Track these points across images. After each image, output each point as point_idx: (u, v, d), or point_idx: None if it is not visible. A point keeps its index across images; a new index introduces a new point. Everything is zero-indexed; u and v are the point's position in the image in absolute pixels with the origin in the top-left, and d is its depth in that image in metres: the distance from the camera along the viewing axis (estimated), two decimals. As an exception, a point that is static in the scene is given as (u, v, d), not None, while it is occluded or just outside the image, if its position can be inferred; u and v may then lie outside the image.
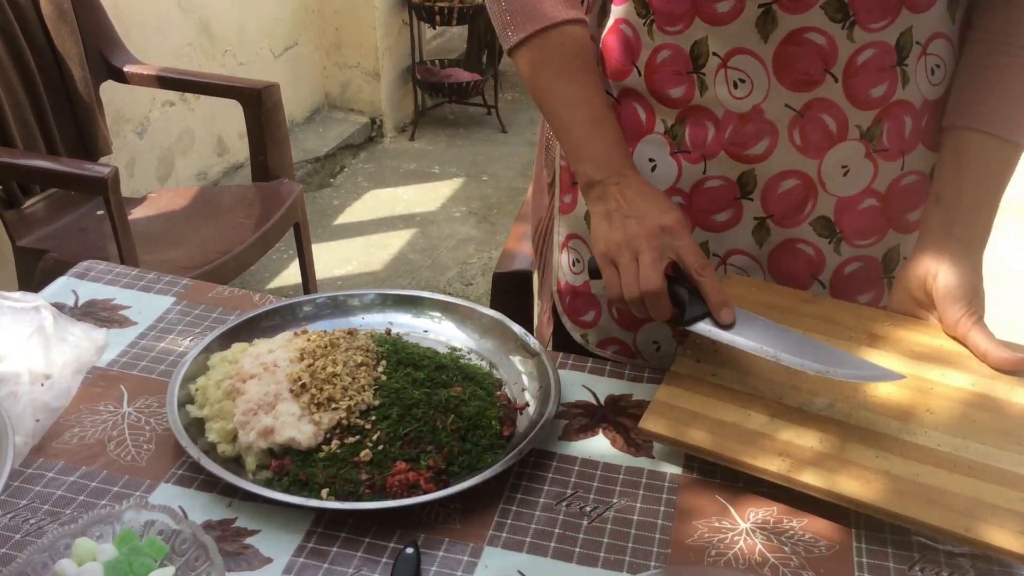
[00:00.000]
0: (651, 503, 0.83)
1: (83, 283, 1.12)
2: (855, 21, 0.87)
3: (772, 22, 0.88)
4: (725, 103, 0.93)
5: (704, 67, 0.92)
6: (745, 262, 1.00)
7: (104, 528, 0.73)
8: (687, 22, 0.91)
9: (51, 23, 2.25)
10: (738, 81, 0.91)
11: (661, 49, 0.94)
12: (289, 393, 0.87)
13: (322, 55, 3.96)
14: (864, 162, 0.94)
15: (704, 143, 0.95)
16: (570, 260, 1.09)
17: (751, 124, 0.93)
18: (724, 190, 0.97)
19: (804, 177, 0.94)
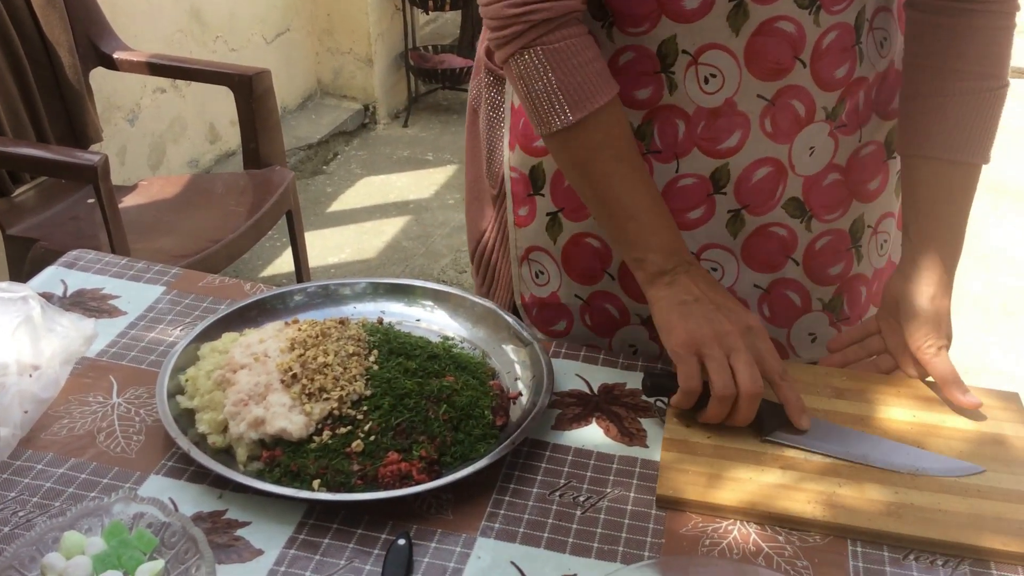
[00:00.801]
0: (645, 493, 0.83)
1: (72, 272, 1.11)
2: (820, 6, 0.88)
3: (743, 15, 0.88)
4: (696, 99, 0.92)
5: (673, 66, 0.91)
6: (719, 255, 1.00)
7: (93, 521, 0.72)
8: (653, 22, 0.89)
9: (40, 10, 2.22)
10: (709, 76, 0.91)
11: (624, 51, 0.92)
12: (280, 383, 0.86)
13: (314, 41, 3.93)
14: (827, 140, 0.96)
15: (675, 141, 0.94)
16: (532, 272, 1.07)
17: (723, 118, 0.92)
18: (697, 187, 0.96)
19: (776, 163, 0.95)
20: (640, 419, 0.91)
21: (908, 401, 0.92)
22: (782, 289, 1.02)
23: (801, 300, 1.03)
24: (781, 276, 1.01)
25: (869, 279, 1.05)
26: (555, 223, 1.02)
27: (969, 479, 0.83)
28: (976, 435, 0.88)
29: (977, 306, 2.87)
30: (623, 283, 1.02)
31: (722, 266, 1.00)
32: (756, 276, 1.01)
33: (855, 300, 1.05)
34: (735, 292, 1.02)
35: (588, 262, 1.03)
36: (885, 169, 1.01)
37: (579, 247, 1.02)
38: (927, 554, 0.77)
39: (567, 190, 1.00)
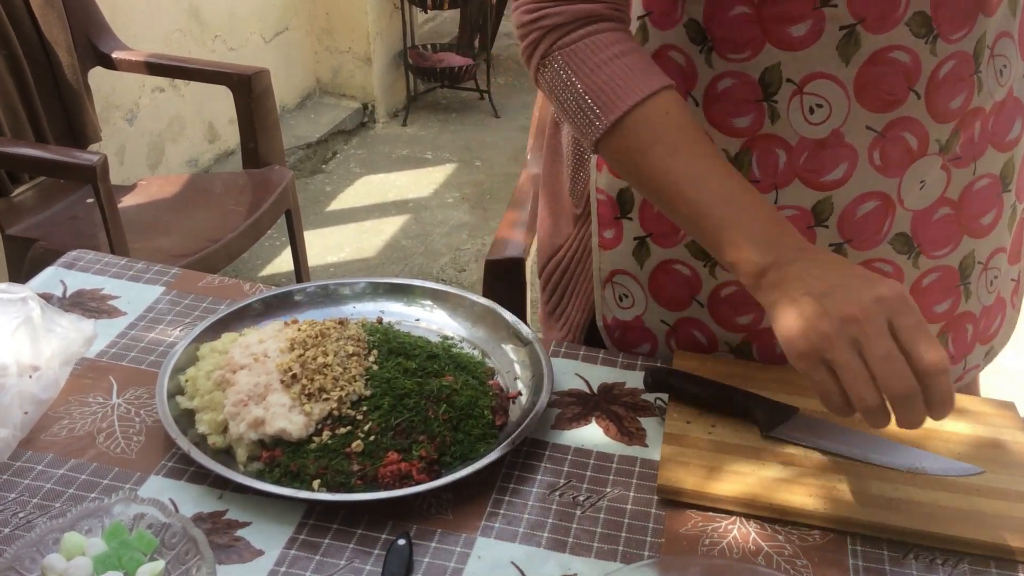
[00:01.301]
0: (645, 492, 0.83)
1: (71, 273, 1.11)
2: (938, 35, 0.83)
3: (855, 44, 0.83)
4: (800, 130, 0.87)
5: (776, 94, 0.86)
6: None
7: (93, 522, 0.72)
8: (756, 49, 0.85)
9: (38, 9, 2.22)
10: (814, 106, 0.86)
11: (723, 77, 0.87)
12: (280, 384, 0.86)
13: (313, 40, 3.93)
14: (940, 173, 0.91)
15: (775, 172, 0.89)
16: (616, 295, 1.02)
17: (828, 150, 0.88)
18: (797, 219, 0.91)
19: (883, 197, 0.90)
20: (640, 418, 0.91)
21: None
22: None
23: None
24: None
25: (976, 317, 1.00)
26: (643, 248, 0.98)
27: (968, 479, 0.83)
28: (974, 439, 0.88)
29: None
30: (713, 311, 0.98)
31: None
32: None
33: (960, 339, 1.00)
34: None
35: (677, 289, 0.98)
36: (999, 203, 0.95)
37: (668, 273, 0.98)
38: (927, 552, 0.78)
39: (657, 215, 0.95)
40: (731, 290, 0.96)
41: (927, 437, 0.88)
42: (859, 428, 0.88)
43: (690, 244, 0.95)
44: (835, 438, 0.86)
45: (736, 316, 0.97)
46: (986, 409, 0.92)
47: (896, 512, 0.79)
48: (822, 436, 0.86)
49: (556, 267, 1.10)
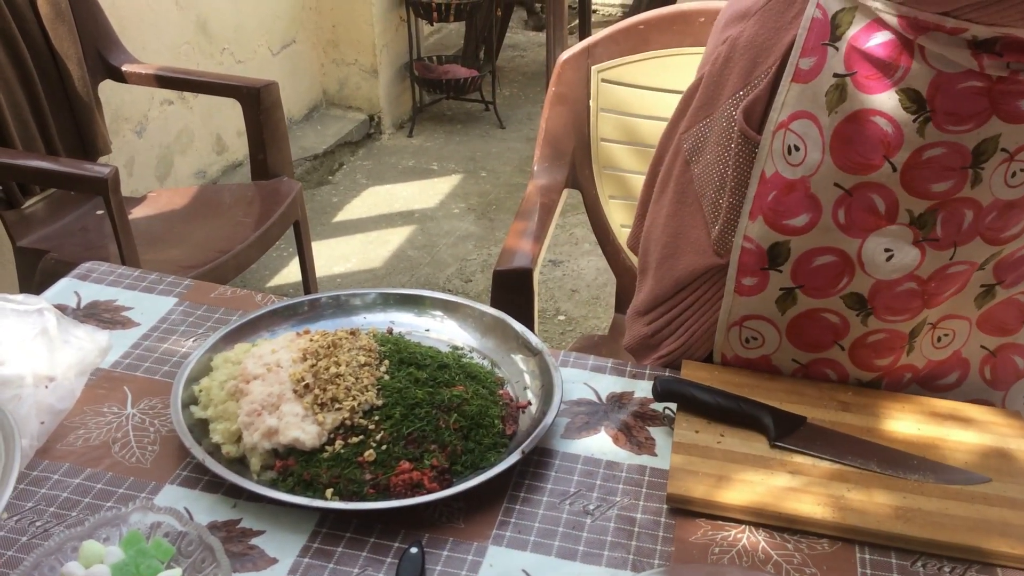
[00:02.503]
0: (654, 501, 0.84)
1: (85, 284, 1.12)
2: None
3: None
4: (996, 193, 0.86)
5: (985, 163, 0.84)
6: (952, 323, 0.96)
7: (111, 530, 0.73)
8: (980, 121, 0.82)
9: (49, 23, 2.24)
10: (1018, 171, 0.84)
11: (933, 147, 0.84)
12: (293, 393, 0.87)
13: (320, 52, 3.95)
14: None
15: (958, 231, 0.88)
16: (743, 338, 0.99)
17: (1016, 209, 0.87)
18: (965, 274, 0.91)
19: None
20: (648, 428, 0.92)
21: (913, 415, 0.93)
22: (1008, 353, 0.98)
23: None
24: (1012, 341, 0.97)
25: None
26: (789, 297, 0.95)
27: (975, 488, 0.83)
28: (981, 448, 0.88)
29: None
30: (853, 354, 0.96)
31: (954, 332, 0.96)
32: (985, 338, 0.98)
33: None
34: (960, 353, 0.98)
35: (820, 335, 0.96)
36: None
37: (813, 320, 0.95)
38: (935, 560, 0.78)
39: (816, 270, 0.92)
40: (880, 337, 0.94)
41: (934, 446, 0.88)
42: (867, 438, 0.89)
43: (847, 296, 0.92)
44: (843, 447, 0.87)
45: (876, 358, 0.96)
46: (993, 418, 0.93)
47: (904, 521, 0.80)
48: (830, 445, 0.87)
49: (676, 307, 1.05)
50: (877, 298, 0.92)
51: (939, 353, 0.98)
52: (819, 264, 0.92)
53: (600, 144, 1.54)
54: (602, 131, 1.54)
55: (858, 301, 0.93)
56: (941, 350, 0.98)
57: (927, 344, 0.97)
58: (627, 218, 1.58)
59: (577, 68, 1.51)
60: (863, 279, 0.91)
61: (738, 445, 0.87)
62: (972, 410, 0.94)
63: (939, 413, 0.93)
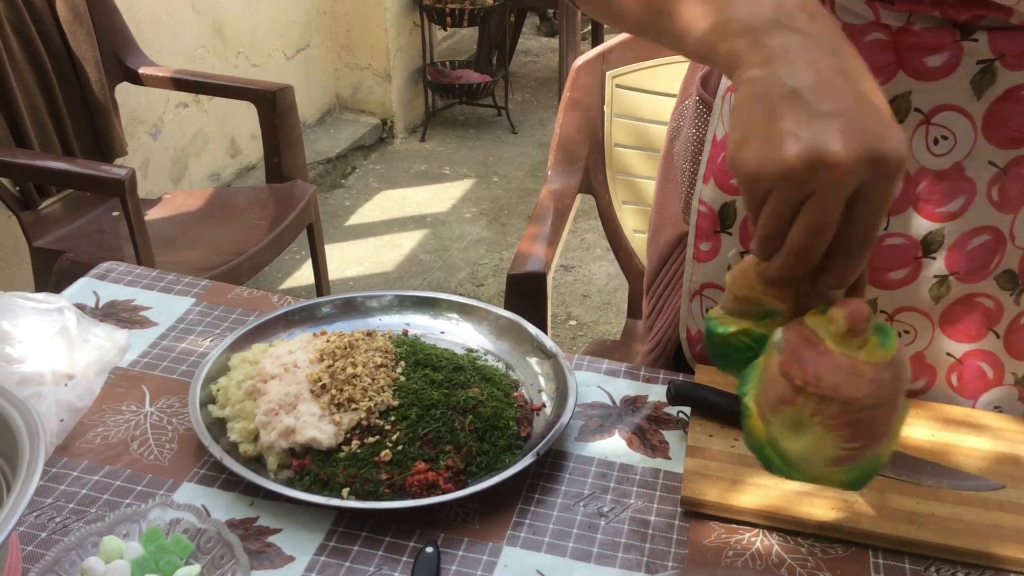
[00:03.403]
0: (668, 504, 0.84)
1: (103, 284, 1.13)
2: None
3: (990, 79, 0.82)
4: (921, 160, 0.86)
5: (902, 123, 0.85)
6: (914, 318, 0.95)
7: (130, 526, 0.74)
8: (888, 76, 0.84)
9: (67, 25, 2.27)
10: (939, 138, 0.85)
11: None
12: (310, 394, 0.88)
13: (334, 57, 3.98)
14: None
15: None
16: (704, 308, 1.01)
17: (947, 182, 0.87)
18: (905, 249, 0.91)
19: (995, 232, 0.89)
20: (662, 431, 0.93)
21: (927, 421, 0.93)
22: (975, 360, 0.96)
23: (994, 373, 0.97)
24: (978, 347, 0.96)
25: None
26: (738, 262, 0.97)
27: (989, 494, 0.84)
28: (995, 455, 0.88)
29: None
30: None
31: (915, 330, 0.95)
32: (950, 344, 0.96)
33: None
34: (924, 357, 0.96)
35: None
36: None
37: None
38: (948, 566, 0.78)
39: None
40: None
41: (947, 452, 0.89)
42: None
43: None
44: None
45: None
46: (1007, 425, 0.93)
47: (918, 526, 0.80)
48: None
49: (660, 283, 1.09)
50: None
51: None
52: None
53: (614, 149, 1.55)
54: (616, 136, 1.54)
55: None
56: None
57: None
58: (640, 223, 1.58)
59: (592, 73, 1.52)
60: None
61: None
62: (986, 417, 0.94)
63: (953, 419, 0.93)
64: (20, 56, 2.16)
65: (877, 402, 0.54)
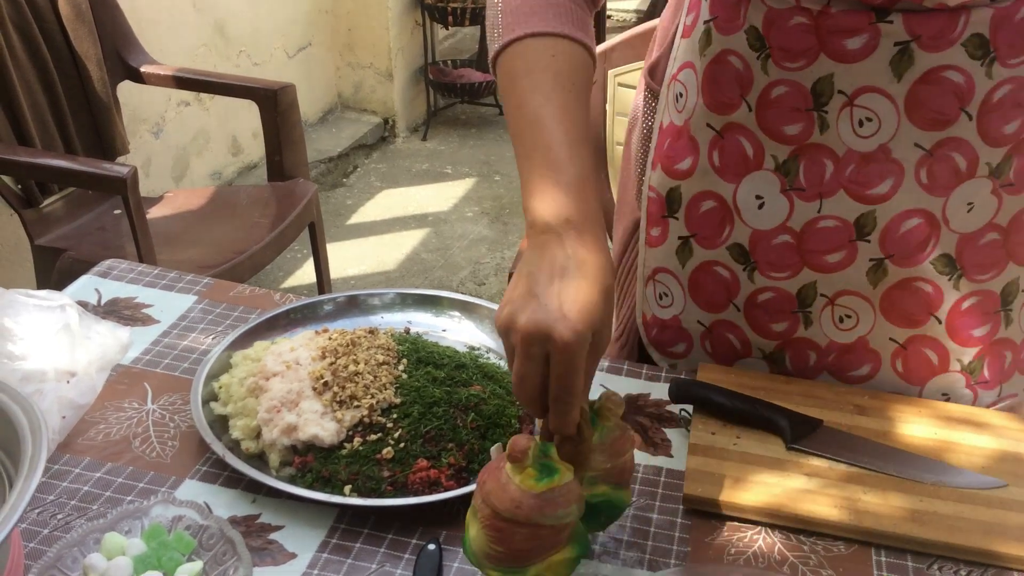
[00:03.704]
0: (670, 502, 0.84)
1: (105, 282, 1.13)
2: (995, 58, 0.83)
3: (908, 60, 0.83)
4: (848, 142, 0.88)
5: (827, 105, 0.87)
6: (854, 301, 0.96)
7: (132, 523, 0.74)
8: (810, 59, 0.86)
9: (69, 23, 2.26)
10: (864, 120, 0.87)
11: (777, 85, 0.88)
12: (312, 391, 0.88)
13: (335, 55, 3.97)
14: (989, 198, 0.90)
15: (821, 181, 0.90)
16: (657, 293, 1.04)
17: (875, 164, 0.88)
18: (839, 231, 0.92)
19: (928, 215, 0.90)
20: (665, 429, 0.93)
21: (929, 419, 0.93)
22: (919, 346, 0.97)
23: (939, 359, 0.98)
24: (921, 333, 0.96)
25: (1017, 345, 0.98)
26: (686, 247, 0.99)
27: (991, 492, 0.83)
28: (997, 453, 0.88)
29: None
30: (748, 316, 0.99)
31: (857, 314, 0.96)
32: (893, 329, 0.96)
33: (996, 364, 0.98)
34: (867, 342, 0.97)
35: (715, 290, 0.99)
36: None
37: (708, 274, 0.99)
38: (951, 563, 0.78)
39: (702, 216, 0.97)
40: (768, 296, 0.97)
41: (949, 450, 0.88)
42: (883, 441, 0.89)
43: (732, 247, 0.96)
44: (859, 450, 0.87)
45: (771, 323, 0.98)
46: (1009, 423, 0.93)
47: (920, 524, 0.80)
48: (846, 448, 0.87)
49: (621, 272, 1.12)
50: (758, 250, 0.95)
51: (843, 335, 0.98)
52: (705, 210, 0.97)
53: (616, 148, 1.55)
54: (618, 135, 1.54)
55: (742, 253, 0.96)
56: (845, 332, 0.98)
57: (827, 321, 0.97)
58: (642, 222, 1.58)
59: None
60: (742, 228, 0.95)
61: (754, 447, 0.88)
62: (988, 415, 0.94)
63: (954, 417, 0.93)
64: (22, 54, 2.16)
65: (515, 518, 0.66)
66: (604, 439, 0.72)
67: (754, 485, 0.83)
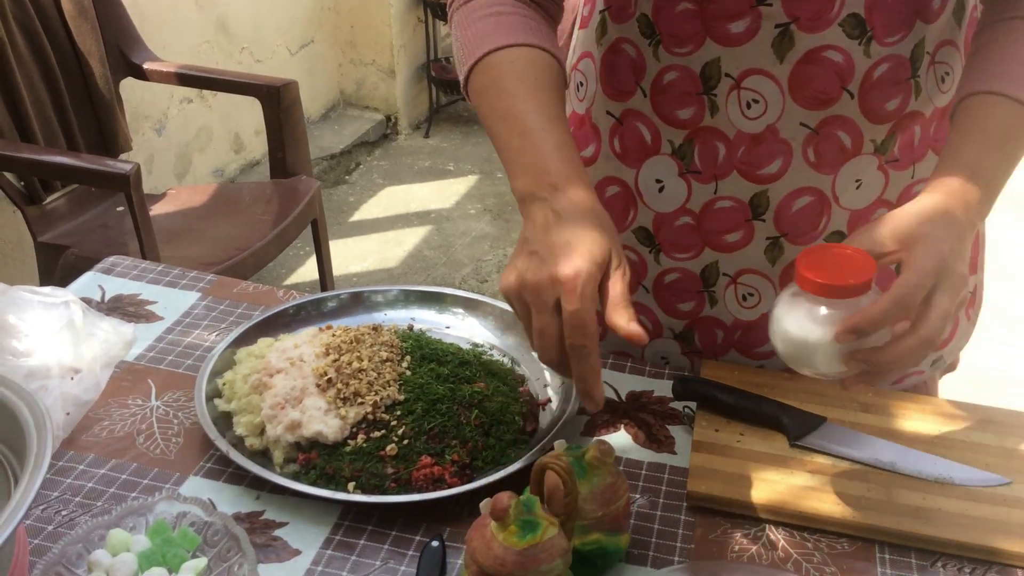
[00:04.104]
0: (674, 499, 0.84)
1: (109, 278, 1.13)
2: (872, 36, 0.86)
3: (789, 42, 0.87)
4: (737, 124, 0.91)
5: (715, 88, 0.90)
6: (756, 280, 0.99)
7: (137, 519, 0.74)
8: (697, 44, 0.89)
9: (72, 20, 2.27)
10: (751, 102, 0.90)
11: (668, 71, 0.92)
12: (315, 388, 0.88)
13: (338, 53, 3.97)
14: (876, 174, 0.93)
15: (715, 163, 0.93)
16: None
17: (764, 144, 0.91)
18: (735, 211, 0.95)
19: (818, 193, 0.93)
20: (668, 426, 0.93)
21: (933, 416, 0.93)
22: None
23: None
24: None
25: None
26: None
27: (996, 489, 0.83)
28: (1001, 450, 0.88)
29: (1000, 317, 2.87)
30: (657, 297, 1.02)
31: (759, 292, 0.99)
32: None
33: None
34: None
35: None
36: None
37: None
38: (955, 561, 0.78)
39: (608, 202, 0.99)
40: (674, 277, 1.00)
41: (954, 447, 0.88)
42: (886, 438, 0.89)
43: (637, 231, 1.00)
44: (863, 447, 0.87)
45: (678, 303, 1.01)
46: (1013, 421, 0.92)
47: (924, 521, 0.80)
48: (850, 445, 0.87)
49: None
50: (661, 233, 0.98)
51: (747, 313, 1.00)
52: (610, 195, 1.00)
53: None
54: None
55: (647, 236, 0.99)
56: (748, 310, 1.00)
57: (731, 300, 1.00)
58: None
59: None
60: (645, 212, 0.98)
61: (757, 444, 0.88)
62: (992, 412, 0.94)
63: (959, 415, 0.93)
64: (25, 51, 2.16)
65: (499, 574, 0.68)
66: (595, 488, 0.74)
67: (757, 482, 0.83)
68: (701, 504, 0.82)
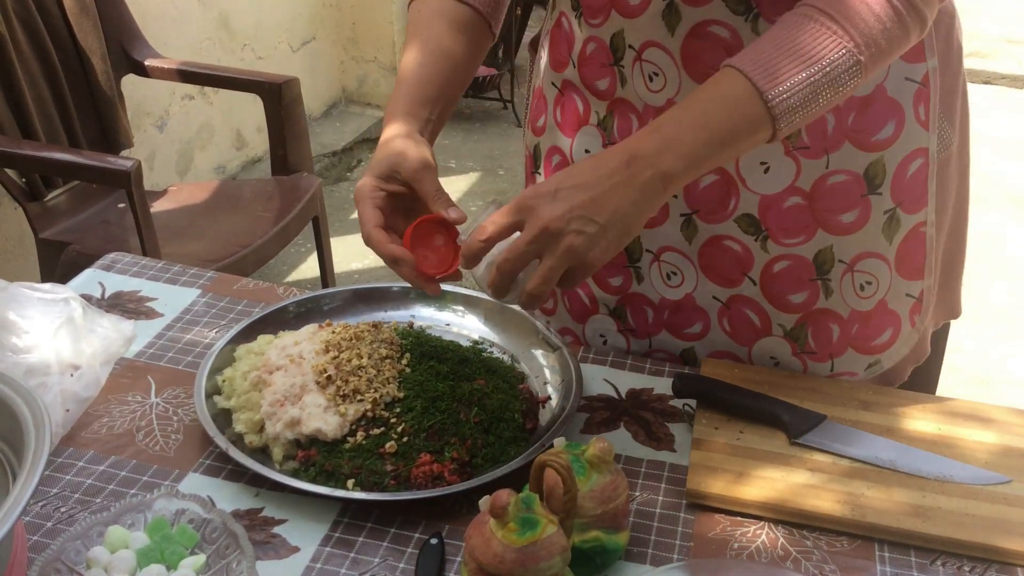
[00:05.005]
0: (673, 496, 0.84)
1: (109, 275, 1.13)
2: (758, 14, 0.86)
3: (675, 15, 0.88)
4: (643, 96, 0.93)
5: (623, 60, 0.93)
6: (676, 258, 0.99)
7: (136, 516, 0.74)
8: (605, 15, 0.92)
9: (73, 17, 2.26)
10: (652, 75, 0.91)
11: (589, 41, 0.95)
12: (315, 385, 0.88)
13: (339, 49, 3.97)
14: (785, 160, 0.92)
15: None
16: None
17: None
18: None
19: (723, 173, 0.93)
20: (668, 424, 0.93)
21: (933, 414, 0.92)
22: (741, 306, 0.99)
23: (760, 321, 0.99)
24: (739, 293, 0.98)
25: (844, 319, 0.98)
26: None
27: (995, 487, 0.83)
28: (1000, 448, 0.88)
29: (997, 316, 2.86)
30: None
31: (681, 271, 0.99)
32: (714, 288, 0.99)
33: (823, 335, 0.99)
34: (694, 299, 1.00)
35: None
36: (864, 204, 0.93)
37: None
38: (954, 559, 0.78)
39: (553, 171, 1.03)
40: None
41: (953, 446, 0.88)
42: (886, 436, 0.89)
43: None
44: (863, 445, 0.87)
45: (608, 277, 1.03)
46: (1012, 419, 0.92)
47: (924, 519, 0.80)
48: (850, 443, 0.87)
49: None
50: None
51: (672, 292, 1.01)
52: (555, 164, 1.05)
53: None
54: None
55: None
56: (673, 289, 1.01)
57: (656, 278, 1.00)
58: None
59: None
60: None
61: (757, 442, 0.88)
62: (992, 410, 0.94)
63: (959, 413, 0.93)
64: (26, 48, 2.16)
65: (498, 572, 0.68)
66: (594, 486, 0.74)
67: (757, 480, 0.83)
68: (701, 502, 0.82)
